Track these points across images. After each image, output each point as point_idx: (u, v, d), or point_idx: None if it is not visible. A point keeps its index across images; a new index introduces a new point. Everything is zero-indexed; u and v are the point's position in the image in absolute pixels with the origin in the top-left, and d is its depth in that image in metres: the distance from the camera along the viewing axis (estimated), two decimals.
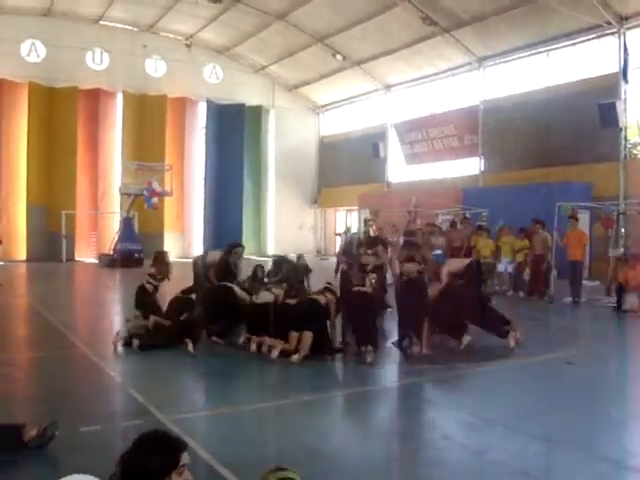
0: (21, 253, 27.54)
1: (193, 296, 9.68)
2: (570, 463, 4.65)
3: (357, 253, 11.05)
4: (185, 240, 31.94)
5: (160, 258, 10.75)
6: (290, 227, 33.84)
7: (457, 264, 9.99)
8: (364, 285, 8.63)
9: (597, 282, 17.57)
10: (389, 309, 11.36)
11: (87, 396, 6.45)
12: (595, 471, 4.55)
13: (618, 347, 10.24)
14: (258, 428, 5.53)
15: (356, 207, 27.47)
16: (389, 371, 7.76)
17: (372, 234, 11.77)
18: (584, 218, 17.07)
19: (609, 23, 19.75)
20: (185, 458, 2.64)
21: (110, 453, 3.12)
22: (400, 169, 30.21)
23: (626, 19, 19.64)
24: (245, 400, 6.20)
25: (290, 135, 34.36)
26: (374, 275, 9.20)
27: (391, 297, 10.64)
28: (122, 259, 24.39)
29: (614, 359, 9.10)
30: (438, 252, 14.18)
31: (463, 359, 8.67)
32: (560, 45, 21.92)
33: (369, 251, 10.24)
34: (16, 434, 4.62)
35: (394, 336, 8.84)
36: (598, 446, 5.08)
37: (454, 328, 8.86)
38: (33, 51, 26.52)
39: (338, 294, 8.87)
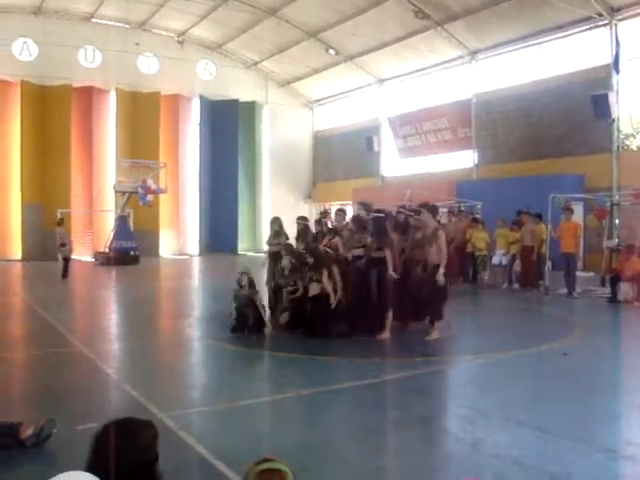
0: (16, 252, 27.51)
1: None
2: (566, 453, 4.66)
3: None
4: (181, 237, 31.94)
5: None
6: (285, 222, 33.67)
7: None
8: None
9: (592, 273, 17.65)
10: None
11: (84, 394, 6.44)
12: (591, 461, 4.56)
13: (614, 337, 10.29)
14: (255, 423, 5.55)
15: (350, 201, 27.45)
16: (383, 365, 7.79)
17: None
18: (578, 209, 17.11)
19: (600, 15, 19.79)
20: None
21: None
22: (394, 163, 30.24)
23: (617, 10, 19.69)
24: (242, 395, 6.21)
25: (284, 130, 34.35)
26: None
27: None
28: (118, 257, 24.40)
29: (610, 349, 9.14)
30: None
31: (457, 352, 8.74)
32: (552, 37, 21.95)
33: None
34: (13, 432, 4.63)
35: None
36: (594, 436, 5.08)
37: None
38: (25, 50, 26.29)
39: None
